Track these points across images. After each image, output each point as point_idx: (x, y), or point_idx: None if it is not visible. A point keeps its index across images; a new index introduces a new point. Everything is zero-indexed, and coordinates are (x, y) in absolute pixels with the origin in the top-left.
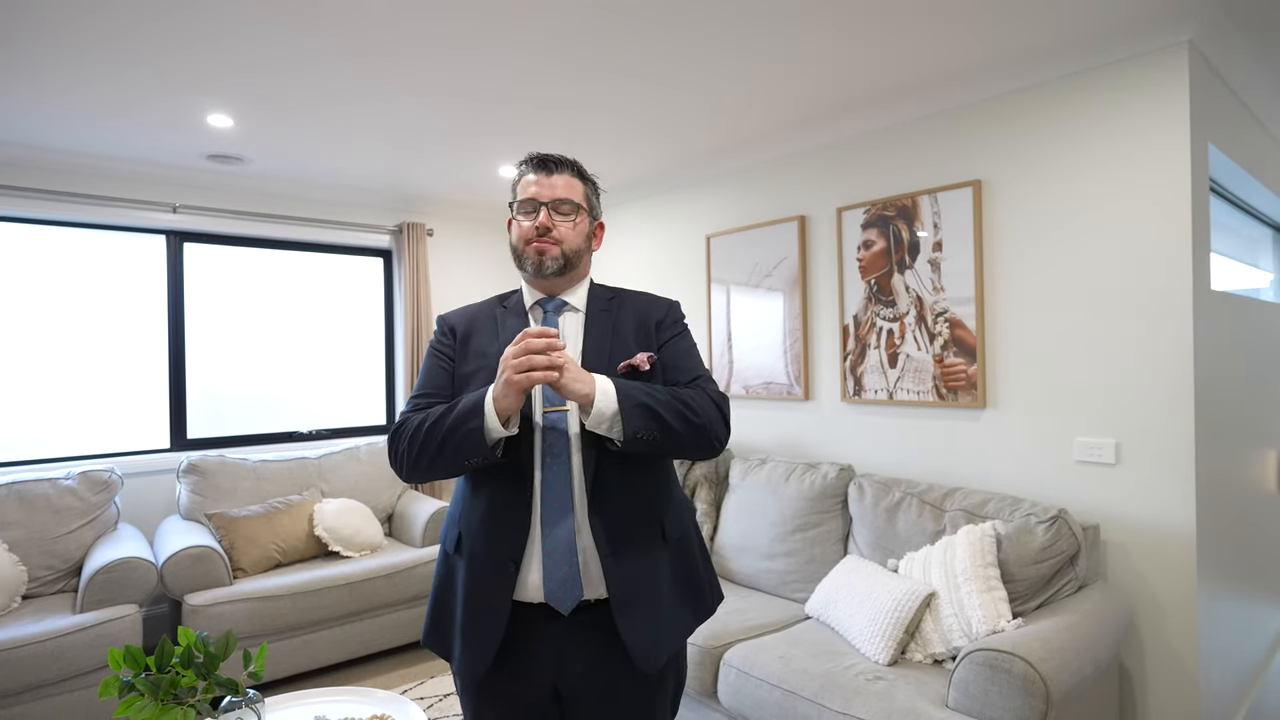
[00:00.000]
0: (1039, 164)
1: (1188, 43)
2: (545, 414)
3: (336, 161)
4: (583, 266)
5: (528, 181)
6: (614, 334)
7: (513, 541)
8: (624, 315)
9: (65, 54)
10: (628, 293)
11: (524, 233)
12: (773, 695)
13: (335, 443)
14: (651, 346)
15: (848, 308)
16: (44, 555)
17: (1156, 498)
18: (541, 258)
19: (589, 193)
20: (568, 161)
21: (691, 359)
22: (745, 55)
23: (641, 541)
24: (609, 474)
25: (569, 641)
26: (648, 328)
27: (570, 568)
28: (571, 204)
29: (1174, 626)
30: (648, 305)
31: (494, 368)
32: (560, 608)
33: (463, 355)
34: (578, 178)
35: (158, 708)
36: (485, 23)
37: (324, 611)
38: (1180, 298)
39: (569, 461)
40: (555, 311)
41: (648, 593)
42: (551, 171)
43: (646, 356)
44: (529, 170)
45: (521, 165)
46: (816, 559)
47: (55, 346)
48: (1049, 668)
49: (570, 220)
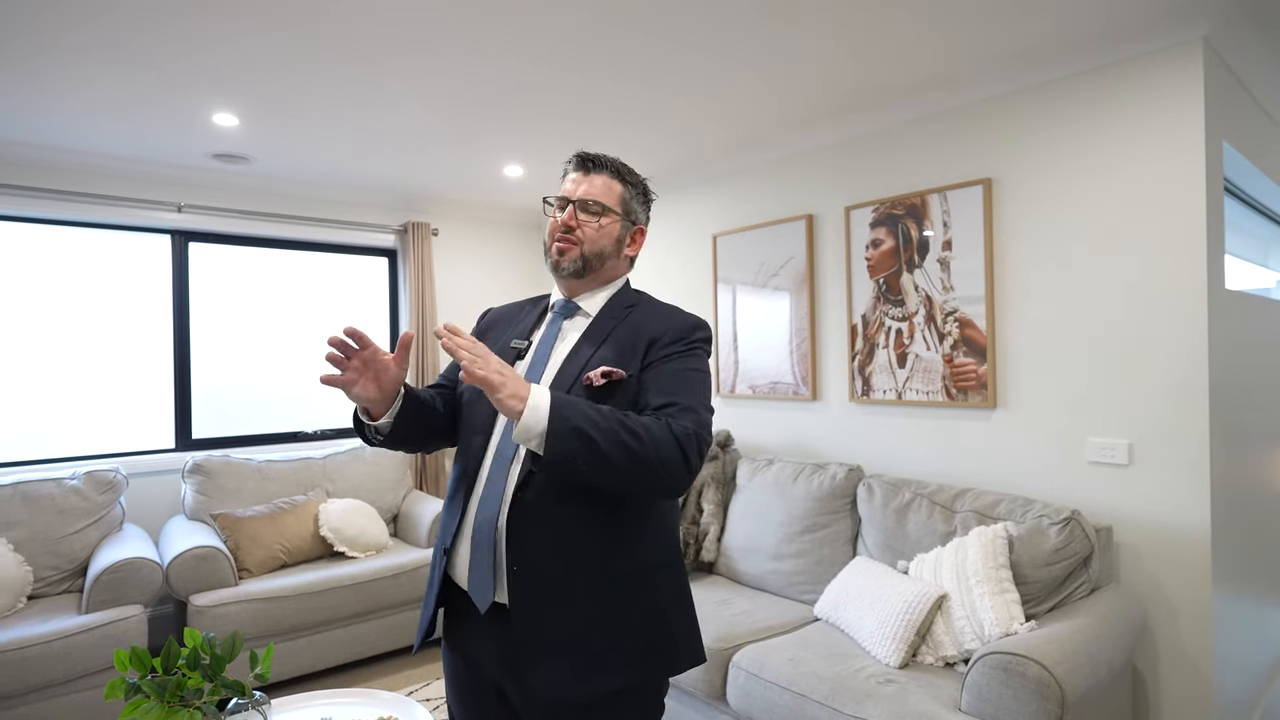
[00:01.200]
0: (1050, 162)
1: (1202, 39)
2: None
3: (341, 161)
4: (607, 270)
5: (567, 179)
6: (599, 343)
7: (449, 527)
8: (628, 327)
9: (73, 55)
10: (651, 304)
11: (550, 228)
12: (783, 698)
13: (340, 443)
14: (632, 362)
15: (856, 307)
16: (49, 555)
17: (1170, 499)
18: (560, 256)
19: (627, 195)
20: (608, 162)
21: (674, 382)
22: (752, 53)
23: (563, 571)
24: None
25: (486, 633)
26: (638, 343)
27: (487, 567)
28: (600, 205)
29: (1188, 629)
30: (658, 318)
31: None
32: (477, 602)
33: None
34: (617, 179)
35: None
36: (490, 23)
37: (329, 612)
38: (1194, 297)
39: (511, 460)
40: (562, 315)
41: (556, 628)
42: (589, 171)
43: (602, 371)
44: (570, 169)
45: (566, 164)
46: (825, 560)
47: (60, 346)
48: (1064, 671)
49: (596, 220)
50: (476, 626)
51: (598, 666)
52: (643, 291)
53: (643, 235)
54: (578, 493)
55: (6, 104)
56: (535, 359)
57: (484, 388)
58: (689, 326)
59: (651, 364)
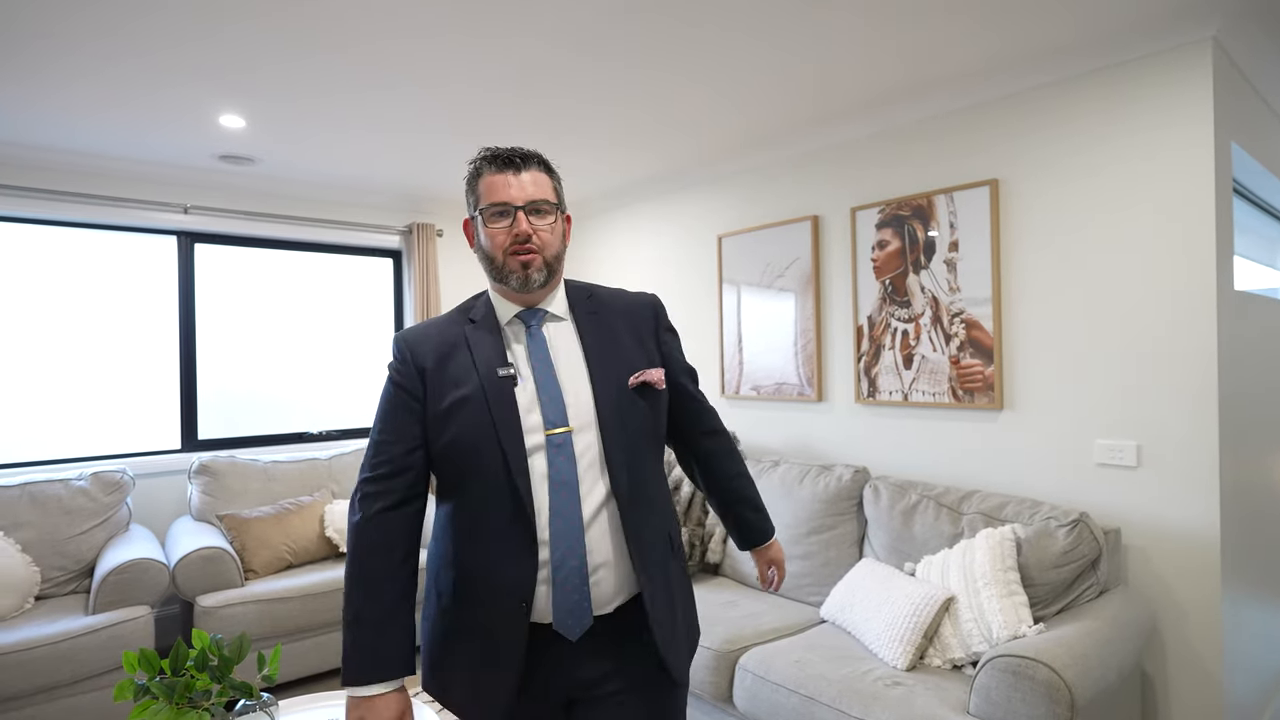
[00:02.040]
0: (1058, 162)
1: (1211, 39)
2: (549, 436)
3: (347, 162)
4: (561, 268)
5: (493, 182)
6: (614, 341)
7: (522, 579)
8: (612, 317)
9: (81, 59)
10: (602, 290)
11: (500, 243)
12: (790, 700)
13: (345, 444)
14: (652, 354)
15: (862, 308)
16: (56, 556)
17: (1179, 501)
18: (527, 270)
19: (556, 185)
20: (533, 155)
21: (689, 372)
22: (758, 53)
23: (660, 551)
24: (626, 490)
25: (575, 656)
26: (640, 332)
27: (581, 596)
28: (548, 204)
29: (1197, 632)
30: (634, 306)
31: (475, 397)
32: (569, 635)
33: (436, 390)
34: (544, 171)
35: (173, 711)
36: (495, 23)
37: (335, 613)
38: (1203, 298)
39: (577, 485)
40: (539, 325)
41: (669, 605)
42: (519, 169)
43: (660, 374)
44: (491, 169)
45: (480, 162)
46: (831, 562)
47: (67, 347)
48: (1073, 674)
49: (547, 221)
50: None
51: (691, 622)
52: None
53: (570, 224)
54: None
55: (15, 107)
56: (540, 377)
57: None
58: (656, 303)
59: (668, 355)
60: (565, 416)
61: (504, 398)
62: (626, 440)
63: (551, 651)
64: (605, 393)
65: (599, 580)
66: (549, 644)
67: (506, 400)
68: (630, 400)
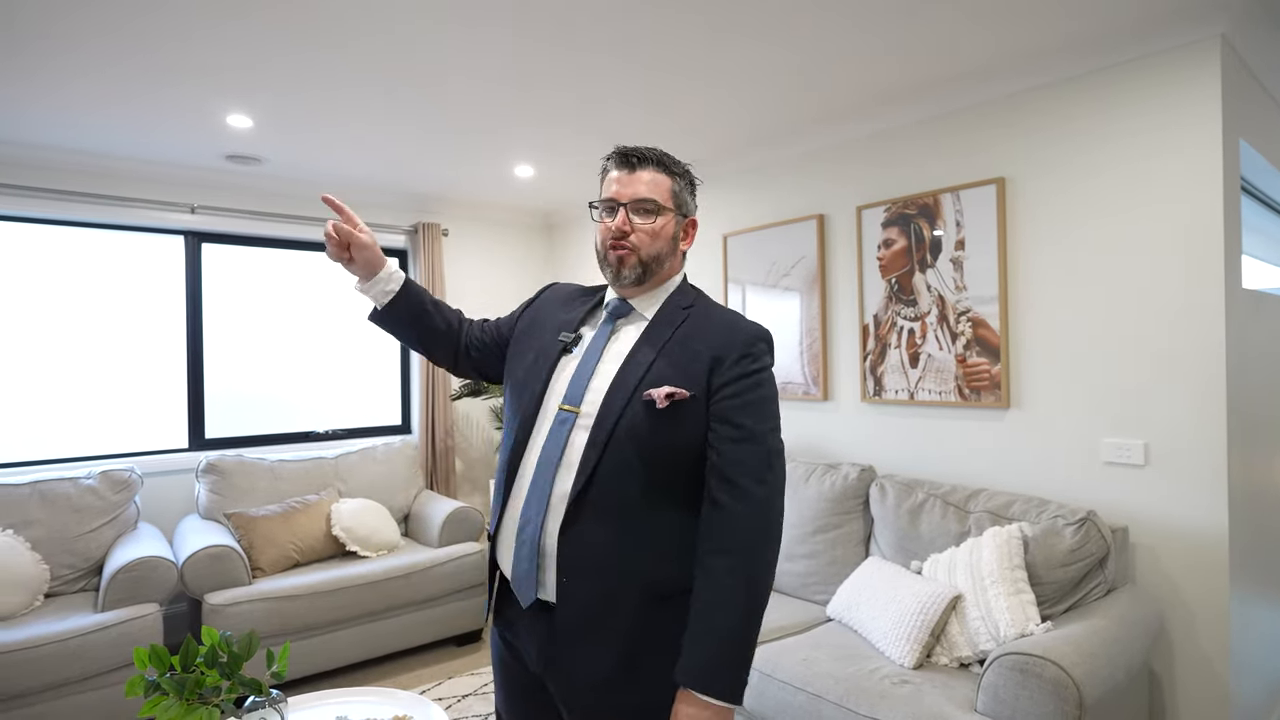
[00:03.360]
0: (1065, 161)
1: (1219, 37)
2: (560, 409)
3: (353, 162)
4: (666, 270)
5: (610, 179)
6: (659, 352)
7: (495, 511)
8: (686, 333)
9: (89, 60)
10: (708, 306)
11: (603, 235)
12: (796, 698)
13: (351, 443)
14: (697, 381)
15: (868, 307)
16: (65, 554)
17: (1187, 500)
18: (620, 266)
19: (677, 188)
20: (653, 156)
21: (758, 418)
22: (764, 51)
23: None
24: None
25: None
26: (704, 357)
27: (530, 565)
28: (654, 203)
29: (1205, 631)
30: (718, 330)
31: (535, 346)
32: (520, 598)
33: (525, 327)
34: (663, 172)
35: (183, 707)
36: (499, 23)
37: (342, 611)
38: (1212, 296)
39: (557, 463)
40: (616, 315)
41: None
42: (634, 167)
43: (665, 393)
44: (612, 166)
45: (605, 160)
46: (838, 560)
47: (75, 347)
48: (1081, 672)
49: (651, 221)
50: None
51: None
52: (699, 289)
53: (695, 227)
54: (632, 510)
55: (22, 106)
56: (585, 359)
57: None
58: (751, 338)
59: (721, 389)
60: (579, 399)
61: (547, 359)
62: (616, 446)
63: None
64: (614, 390)
65: (547, 567)
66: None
67: (548, 361)
68: (633, 408)
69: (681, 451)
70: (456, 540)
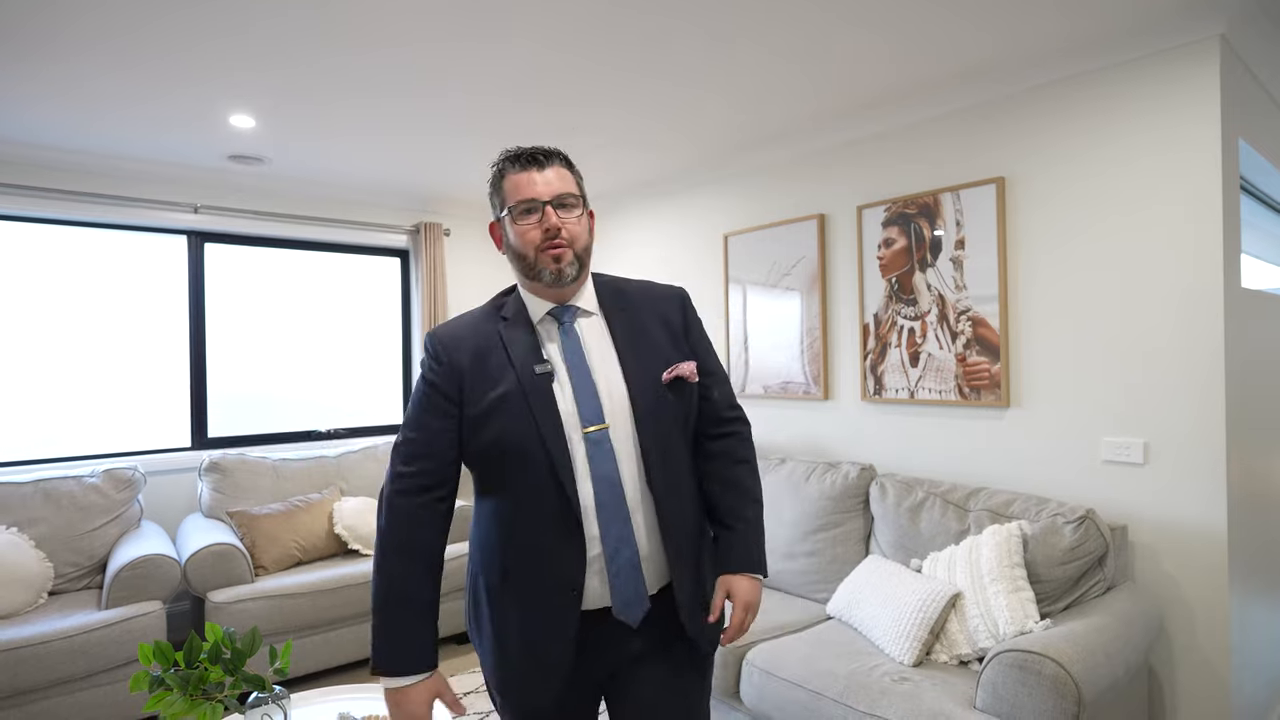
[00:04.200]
0: (1065, 160)
1: (1219, 36)
2: (586, 434)
3: (355, 162)
4: (589, 263)
5: (518, 181)
6: (644, 334)
7: (572, 569)
8: (642, 313)
9: (91, 59)
10: (629, 283)
11: (531, 239)
12: (797, 696)
13: (353, 441)
14: (681, 346)
15: (868, 306)
16: (69, 552)
17: (1187, 498)
18: (559, 264)
19: (579, 181)
20: (555, 151)
21: (715, 359)
22: (765, 51)
23: (692, 541)
24: (661, 483)
25: (626, 635)
26: (673, 327)
27: (638, 584)
28: (573, 197)
29: (1204, 630)
30: (660, 298)
31: (514, 396)
32: (631, 622)
33: (475, 391)
34: (568, 167)
35: (187, 702)
36: (501, 24)
37: (344, 609)
38: (1211, 295)
39: (620, 480)
40: (572, 321)
41: (699, 585)
42: (543, 165)
43: (693, 368)
44: (515, 168)
45: (502, 164)
46: (838, 559)
47: (79, 347)
48: (1080, 669)
49: (575, 215)
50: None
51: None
52: (596, 272)
53: (593, 219)
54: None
55: (27, 106)
56: (576, 375)
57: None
58: (685, 297)
59: (695, 346)
60: (600, 414)
61: (543, 395)
62: (661, 434)
63: (603, 634)
64: (640, 388)
65: (648, 571)
66: (600, 628)
67: (545, 397)
68: (663, 394)
69: (694, 410)
70: (459, 540)
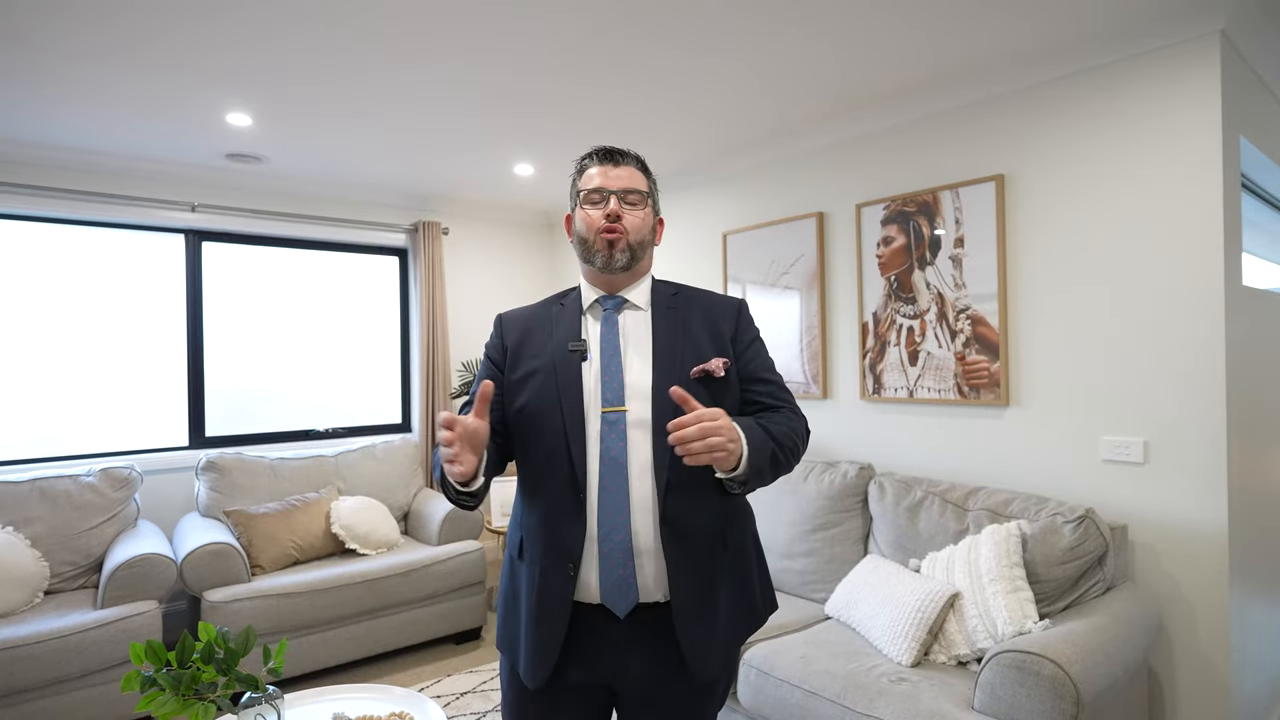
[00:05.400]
0: (1064, 158)
1: (1219, 33)
2: (604, 413)
3: (353, 160)
4: (646, 261)
5: (592, 174)
6: (685, 333)
7: (570, 543)
8: (692, 314)
9: (88, 57)
10: (691, 290)
11: (592, 222)
12: (794, 696)
13: (351, 441)
14: (725, 350)
15: (867, 305)
16: (66, 551)
17: (1187, 498)
18: (612, 249)
19: (652, 186)
20: (633, 154)
21: (770, 369)
22: (764, 50)
23: (703, 550)
24: (675, 483)
25: (626, 642)
26: (719, 330)
27: (626, 570)
28: (639, 193)
29: (1205, 630)
30: (716, 304)
31: (546, 369)
32: (616, 610)
33: (515, 361)
34: (641, 170)
35: (179, 703)
36: (503, 22)
37: (341, 609)
38: (1211, 293)
39: (626, 463)
40: (615, 310)
41: (707, 602)
42: (618, 163)
43: (722, 362)
44: (593, 163)
45: (584, 159)
46: (836, 558)
47: (76, 345)
48: (1079, 670)
49: (638, 210)
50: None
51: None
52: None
53: (663, 226)
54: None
55: (24, 104)
56: (607, 359)
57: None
58: (741, 305)
59: (743, 353)
60: (622, 396)
61: (570, 371)
62: None
63: (599, 630)
64: (664, 378)
65: (644, 565)
66: (597, 622)
67: (572, 373)
68: (695, 388)
69: (731, 411)
70: (456, 538)
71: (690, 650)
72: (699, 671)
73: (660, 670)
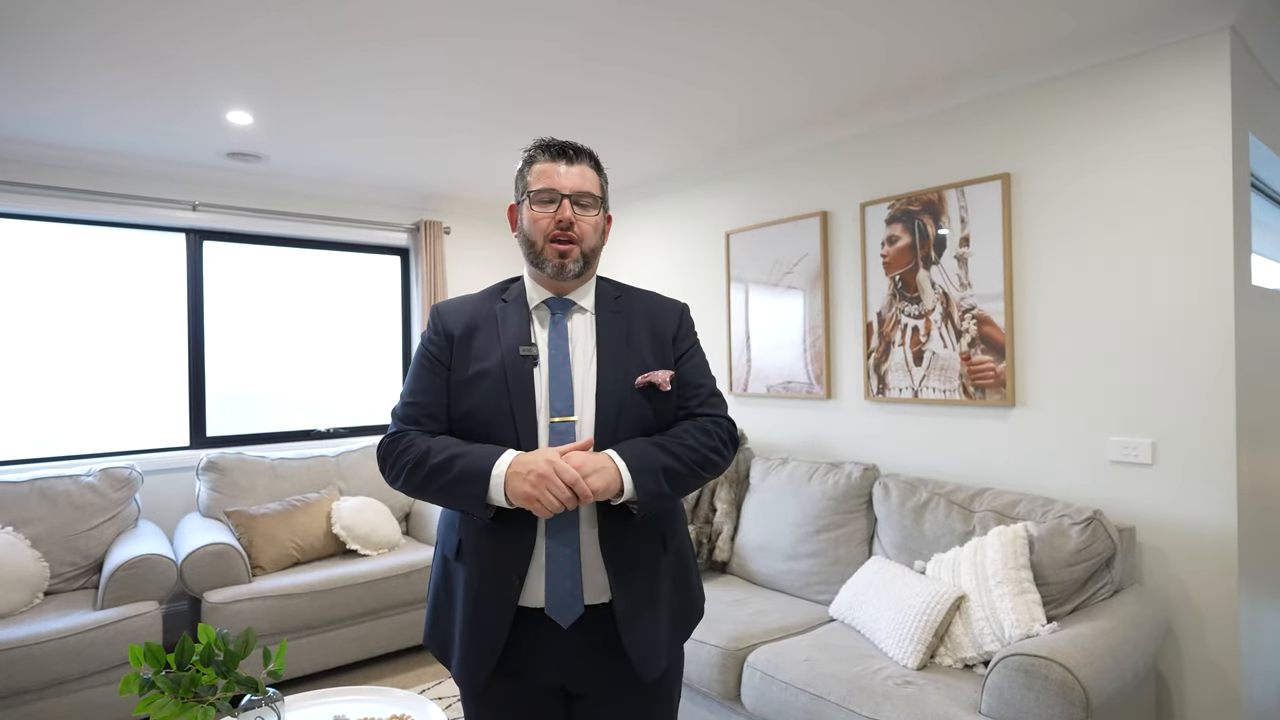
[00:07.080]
0: (1071, 156)
1: (1229, 29)
2: (553, 423)
3: (355, 160)
4: (596, 264)
5: (544, 169)
6: (628, 341)
7: (517, 555)
8: (635, 319)
9: (88, 55)
10: (634, 291)
11: (542, 227)
12: (798, 699)
13: (352, 441)
14: (667, 358)
15: (871, 305)
16: (66, 551)
17: (1196, 499)
18: (564, 260)
19: (603, 184)
20: (586, 151)
21: (705, 374)
22: (767, 47)
23: (646, 555)
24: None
25: (572, 643)
26: (662, 338)
27: (573, 583)
28: (591, 197)
29: (1214, 633)
30: (659, 310)
31: (496, 374)
32: (561, 621)
33: (461, 359)
34: (594, 168)
35: (178, 705)
36: (505, 19)
37: (342, 610)
38: (1221, 293)
39: None
40: (564, 314)
41: (650, 604)
42: (571, 161)
43: (667, 375)
44: (544, 157)
45: (534, 150)
46: (841, 560)
47: (77, 345)
48: (1088, 674)
49: (590, 215)
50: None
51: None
52: (604, 276)
53: (610, 224)
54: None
55: (24, 103)
56: (555, 365)
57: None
58: (683, 310)
59: (680, 358)
60: (571, 406)
61: (522, 377)
62: (621, 435)
63: (541, 634)
64: (608, 388)
65: (591, 575)
66: (540, 628)
67: (524, 379)
68: (632, 398)
69: (668, 418)
70: None
71: (635, 651)
72: (644, 671)
73: (607, 671)
